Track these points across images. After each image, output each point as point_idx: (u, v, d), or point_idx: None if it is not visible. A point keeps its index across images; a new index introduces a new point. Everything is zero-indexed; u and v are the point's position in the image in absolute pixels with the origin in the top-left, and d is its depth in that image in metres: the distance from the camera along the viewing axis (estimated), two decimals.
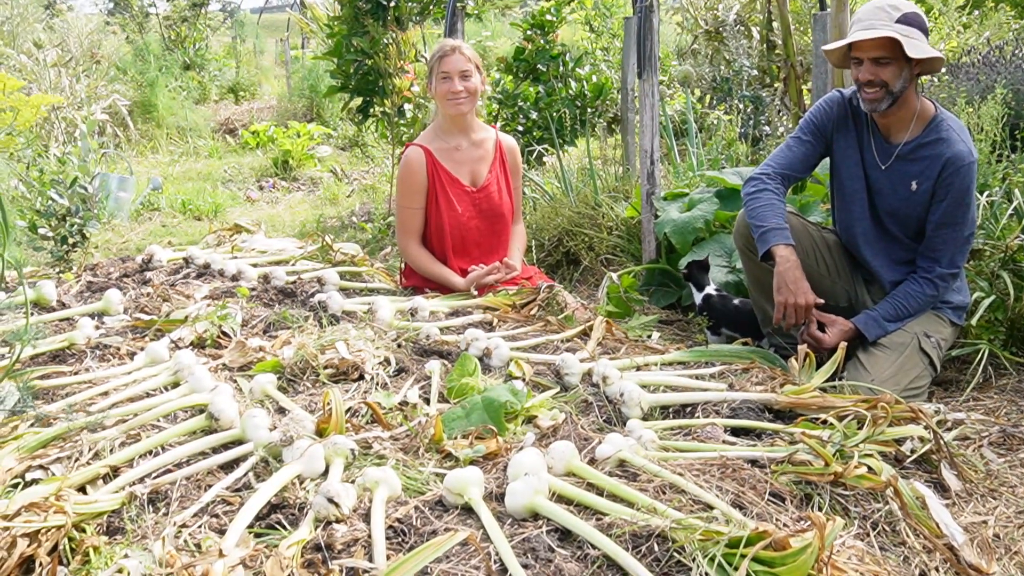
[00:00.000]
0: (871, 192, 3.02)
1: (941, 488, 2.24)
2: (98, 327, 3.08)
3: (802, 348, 2.64)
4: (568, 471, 2.00)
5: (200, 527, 1.86)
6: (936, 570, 1.89)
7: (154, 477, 2.05)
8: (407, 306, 3.17)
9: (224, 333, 2.97)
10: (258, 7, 21.08)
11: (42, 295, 3.32)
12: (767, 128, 6.15)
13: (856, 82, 2.87)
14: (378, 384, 2.59)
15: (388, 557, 1.69)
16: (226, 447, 2.20)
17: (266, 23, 19.93)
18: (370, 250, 5.28)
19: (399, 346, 2.85)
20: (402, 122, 6.02)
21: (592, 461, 2.09)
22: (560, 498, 1.89)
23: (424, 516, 1.86)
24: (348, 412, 2.33)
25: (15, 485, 1.98)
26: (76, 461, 2.10)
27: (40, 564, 1.73)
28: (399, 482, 1.95)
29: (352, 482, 1.95)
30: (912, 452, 2.28)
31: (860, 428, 2.19)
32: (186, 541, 1.80)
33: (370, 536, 1.75)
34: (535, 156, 6.30)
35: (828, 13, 4.39)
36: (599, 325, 3.02)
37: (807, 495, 1.99)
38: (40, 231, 4.62)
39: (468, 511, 1.88)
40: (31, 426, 2.26)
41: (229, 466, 2.13)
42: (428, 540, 1.73)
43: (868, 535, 1.94)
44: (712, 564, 1.60)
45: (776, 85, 6.91)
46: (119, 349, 2.89)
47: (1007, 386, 3.02)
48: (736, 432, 2.31)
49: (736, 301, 3.37)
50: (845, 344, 2.69)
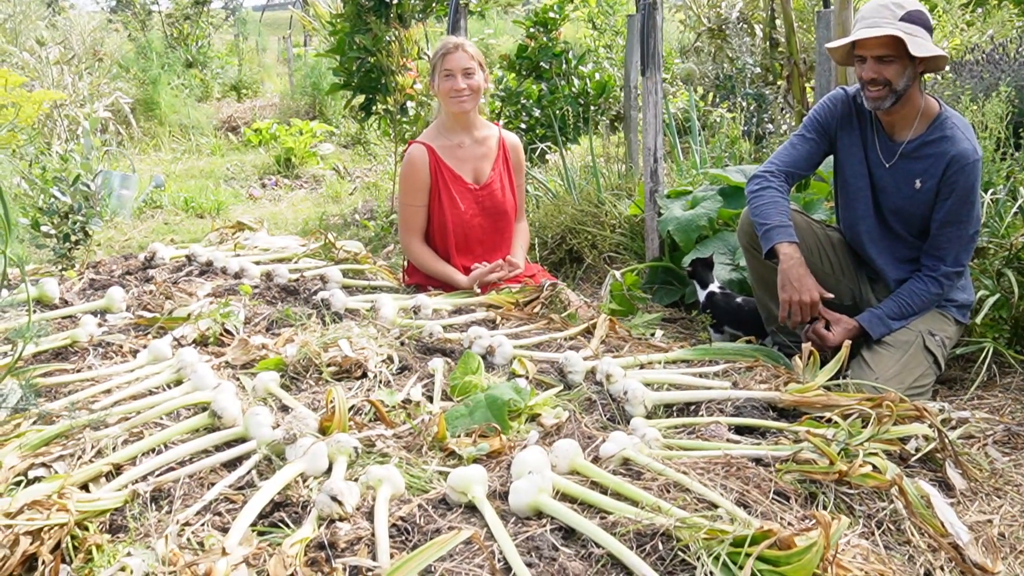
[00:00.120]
0: (875, 190, 3.01)
1: (946, 487, 2.23)
2: (101, 325, 3.08)
3: (806, 346, 2.63)
4: (572, 469, 2.00)
5: (203, 525, 1.86)
6: (941, 569, 1.88)
7: (157, 475, 2.05)
8: (410, 304, 3.17)
9: (227, 331, 2.97)
10: (260, 5, 21.09)
11: (45, 293, 3.32)
12: (770, 126, 6.14)
13: (860, 80, 2.86)
14: (381, 382, 2.58)
15: (392, 556, 1.68)
16: (229, 445, 2.19)
17: (268, 21, 19.95)
18: (373, 248, 5.28)
19: (402, 344, 2.85)
20: (405, 120, 6.02)
21: (596, 459, 2.08)
22: (564, 496, 1.88)
23: (428, 514, 1.85)
24: (351, 410, 2.32)
25: (18, 483, 1.98)
26: (79, 459, 2.10)
27: (43, 562, 1.72)
28: (402, 480, 1.95)
29: (355, 480, 1.94)
30: (917, 451, 2.28)
31: (864, 427, 2.18)
32: (189, 539, 1.80)
33: (374, 534, 1.75)
34: (538, 154, 6.30)
35: (832, 10, 4.38)
36: (602, 323, 3.01)
37: (812, 494, 1.98)
38: (43, 228, 4.62)
39: (472, 509, 1.87)
40: (34, 424, 2.26)
41: (232, 464, 2.12)
42: (432, 539, 1.72)
43: (873, 534, 1.93)
44: (717, 563, 1.59)
45: (779, 83, 6.91)
46: (122, 347, 2.89)
47: (1011, 384, 3.01)
48: (740, 430, 2.31)
49: (739, 299, 3.36)
50: (849, 342, 2.68)
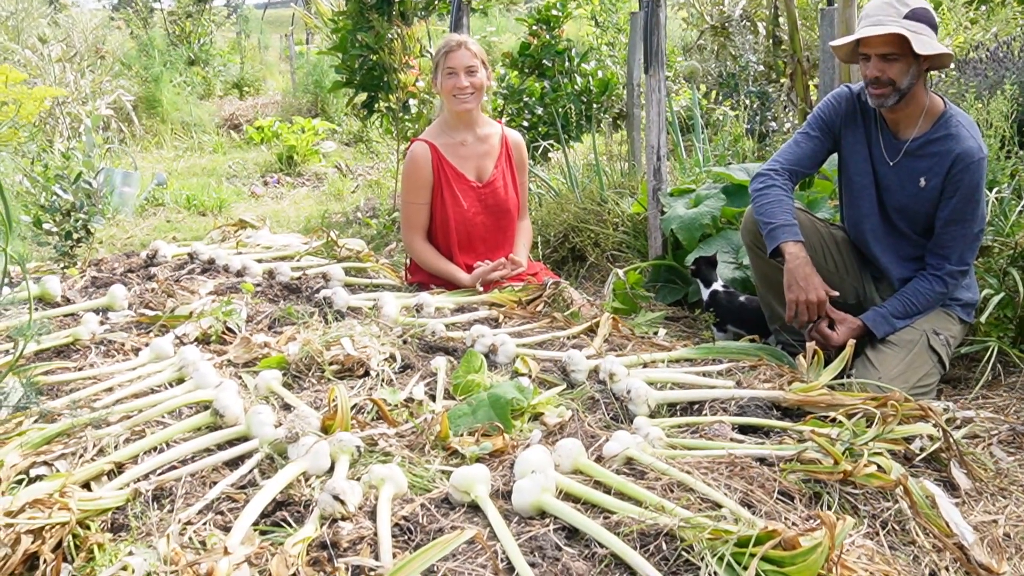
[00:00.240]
0: (879, 188, 2.99)
1: (951, 487, 2.22)
2: (103, 323, 3.07)
3: (810, 345, 2.62)
4: (575, 469, 1.99)
5: (205, 524, 1.85)
6: (946, 570, 1.87)
7: (159, 474, 2.04)
8: (412, 302, 3.16)
9: (229, 329, 2.96)
10: (262, 2, 21.10)
11: (46, 290, 3.31)
12: (773, 124, 6.12)
13: (864, 78, 2.85)
14: (383, 381, 2.57)
15: (394, 555, 1.68)
16: (231, 444, 2.19)
17: (270, 18, 19.95)
18: (375, 246, 5.27)
19: (404, 342, 2.84)
20: (407, 117, 6.01)
21: (599, 459, 2.07)
22: (567, 496, 1.87)
23: (430, 514, 1.84)
24: (353, 409, 2.32)
25: (19, 481, 1.97)
26: (80, 457, 2.09)
27: (44, 561, 1.72)
28: (405, 480, 1.94)
29: (358, 479, 1.93)
30: (921, 450, 2.26)
31: (869, 426, 2.17)
32: (191, 538, 1.79)
33: (376, 534, 1.74)
34: (540, 152, 6.29)
35: (835, 8, 4.37)
36: (605, 322, 3.00)
37: (816, 494, 1.97)
38: (44, 226, 4.62)
39: (474, 509, 1.86)
40: (35, 422, 2.25)
41: (234, 463, 2.11)
42: (434, 538, 1.72)
43: (877, 534, 1.92)
44: (721, 563, 1.58)
45: (782, 81, 6.88)
46: (123, 345, 2.88)
47: (1016, 384, 3.00)
48: (744, 430, 2.29)
49: (742, 298, 3.36)
50: (853, 341, 2.67)
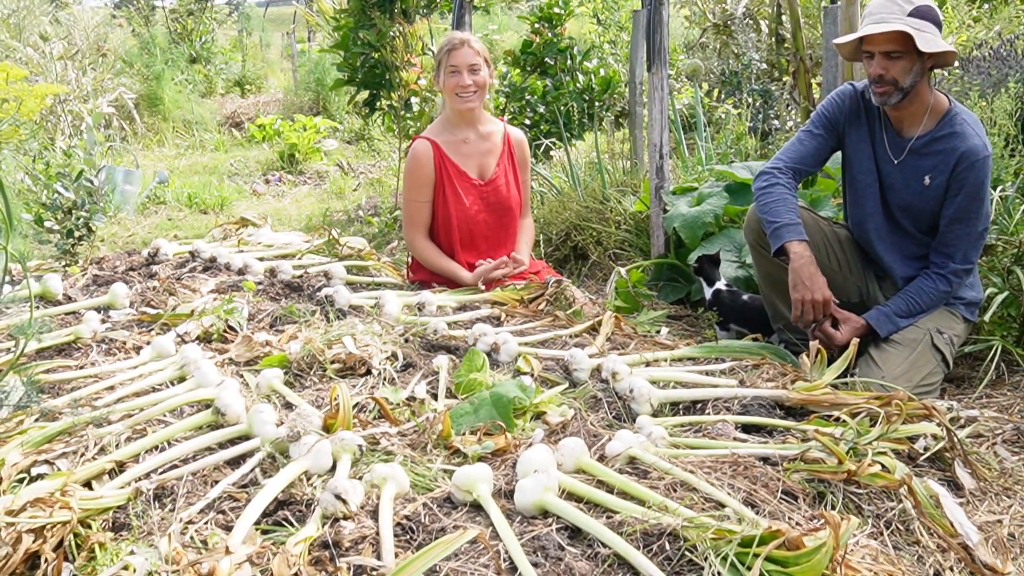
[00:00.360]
0: (883, 187, 2.98)
1: (955, 486, 2.21)
2: (104, 321, 3.06)
3: (814, 344, 2.61)
4: (578, 468, 1.98)
5: (206, 523, 1.84)
6: (951, 570, 1.86)
7: (160, 473, 2.03)
8: (414, 301, 3.15)
9: (230, 327, 2.95)
10: (264, 0, 21.07)
11: (48, 288, 3.30)
12: (776, 122, 6.11)
13: (868, 76, 2.84)
14: (385, 379, 2.57)
15: (396, 555, 1.67)
16: (232, 443, 2.18)
17: (272, 16, 19.93)
18: (377, 244, 5.27)
19: (406, 341, 2.83)
20: (409, 115, 6.00)
21: (602, 458, 2.07)
22: (570, 495, 1.86)
23: (432, 513, 1.84)
24: (355, 407, 2.31)
25: (20, 480, 1.96)
26: (82, 456, 2.08)
27: (45, 560, 1.71)
28: (407, 479, 1.93)
29: (360, 478, 1.93)
30: (925, 450, 2.25)
31: (873, 425, 2.16)
32: (192, 538, 1.78)
33: (378, 533, 1.73)
34: (542, 150, 6.28)
35: (838, 6, 4.35)
36: (608, 320, 2.99)
37: (820, 493, 1.96)
38: (46, 224, 4.61)
39: (477, 508, 1.85)
40: (36, 420, 2.25)
41: (235, 462, 2.11)
42: (436, 537, 1.71)
43: (882, 534, 1.91)
44: (724, 563, 1.57)
45: (785, 79, 6.87)
46: (125, 343, 2.88)
47: (1020, 383, 2.99)
48: (747, 429, 2.28)
49: (745, 296, 3.35)
50: (857, 340, 2.66)
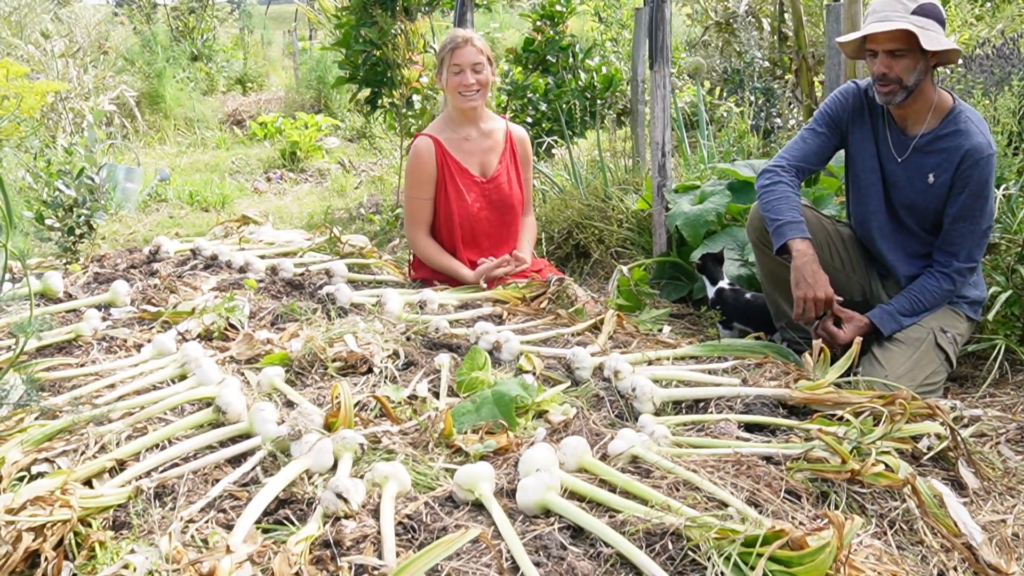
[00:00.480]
0: (887, 185, 2.97)
1: (958, 486, 2.20)
2: (105, 319, 3.06)
3: (817, 343, 2.60)
4: (580, 467, 1.97)
5: (207, 522, 1.84)
6: (955, 570, 1.85)
7: (161, 471, 2.03)
8: (416, 299, 3.15)
9: (231, 325, 2.94)
10: None
11: (49, 286, 3.30)
12: (778, 120, 6.10)
13: (871, 75, 2.83)
14: (387, 378, 2.56)
15: (398, 554, 1.66)
16: (233, 441, 2.18)
17: (273, 14, 19.93)
18: (378, 242, 5.26)
19: (408, 339, 2.83)
20: (410, 113, 6.00)
21: (604, 457, 2.06)
22: (572, 495, 1.85)
23: (434, 512, 1.83)
24: (357, 406, 2.30)
25: (21, 478, 1.96)
26: (82, 454, 2.08)
27: (45, 559, 1.71)
28: (408, 477, 1.93)
29: (361, 477, 1.92)
30: (929, 449, 2.24)
31: (876, 424, 2.15)
32: (193, 537, 1.78)
33: (379, 532, 1.72)
34: (544, 148, 6.27)
35: (841, 4, 4.34)
36: (610, 319, 2.98)
37: (823, 493, 1.95)
38: (47, 222, 4.60)
39: (479, 507, 1.85)
40: (37, 419, 2.24)
41: (236, 460, 2.10)
42: (438, 536, 1.70)
43: (885, 534, 1.90)
44: (728, 563, 1.56)
45: (787, 77, 6.85)
46: (126, 341, 2.87)
47: None
48: (750, 428, 2.28)
49: (748, 295, 3.34)
50: (860, 339, 2.65)
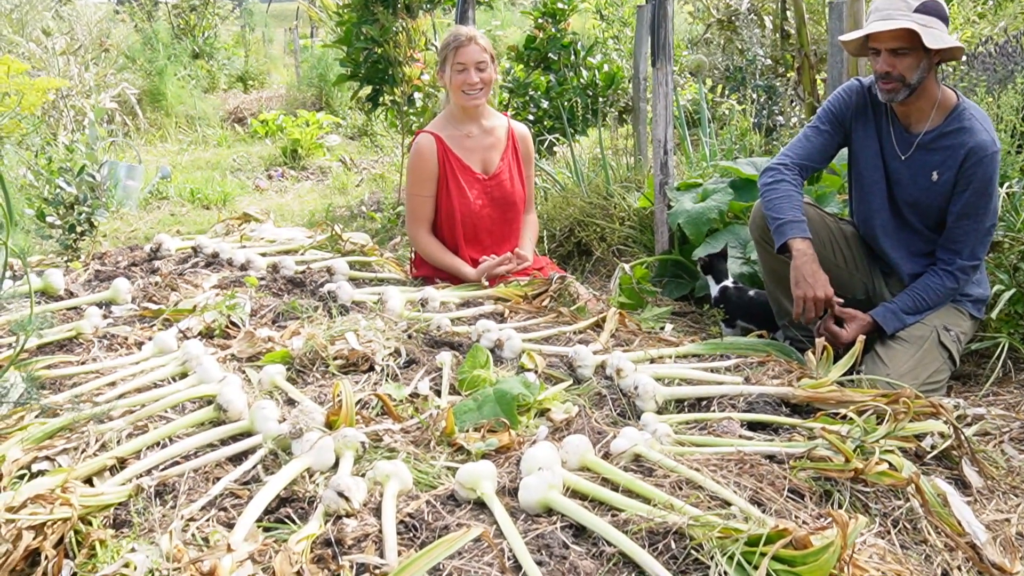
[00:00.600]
0: (890, 183, 2.96)
1: (962, 485, 2.19)
2: (106, 316, 3.05)
3: (819, 341, 2.59)
4: (582, 466, 1.96)
5: (208, 521, 1.83)
6: (959, 569, 1.85)
7: (161, 469, 2.02)
8: (417, 296, 3.14)
9: (233, 323, 2.94)
10: None
11: (49, 284, 3.29)
12: (780, 118, 6.08)
13: (874, 73, 2.82)
14: (388, 376, 2.55)
15: (399, 553, 1.65)
16: (234, 439, 2.17)
17: (275, 12, 19.92)
18: (380, 240, 5.25)
19: (409, 337, 2.82)
20: (412, 111, 5.99)
21: (606, 455, 2.05)
22: (574, 493, 1.85)
23: (436, 511, 1.82)
24: (358, 404, 2.30)
25: (21, 476, 1.95)
26: (83, 452, 2.07)
27: (46, 557, 1.70)
28: (410, 476, 1.92)
29: (362, 476, 1.91)
30: (932, 448, 2.23)
31: (879, 423, 2.14)
32: (194, 535, 1.77)
33: (381, 531, 1.71)
34: (546, 146, 6.26)
35: (844, 1, 4.32)
36: (612, 317, 2.97)
37: (826, 492, 1.95)
38: (48, 219, 4.60)
39: (480, 506, 1.84)
40: (37, 416, 2.24)
41: (237, 458, 2.10)
42: (440, 535, 1.70)
43: (889, 533, 1.89)
44: (731, 562, 1.56)
45: (790, 75, 6.84)
46: (127, 339, 2.87)
47: None
48: (752, 426, 2.27)
49: (752, 292, 3.33)
50: (863, 337, 2.64)
